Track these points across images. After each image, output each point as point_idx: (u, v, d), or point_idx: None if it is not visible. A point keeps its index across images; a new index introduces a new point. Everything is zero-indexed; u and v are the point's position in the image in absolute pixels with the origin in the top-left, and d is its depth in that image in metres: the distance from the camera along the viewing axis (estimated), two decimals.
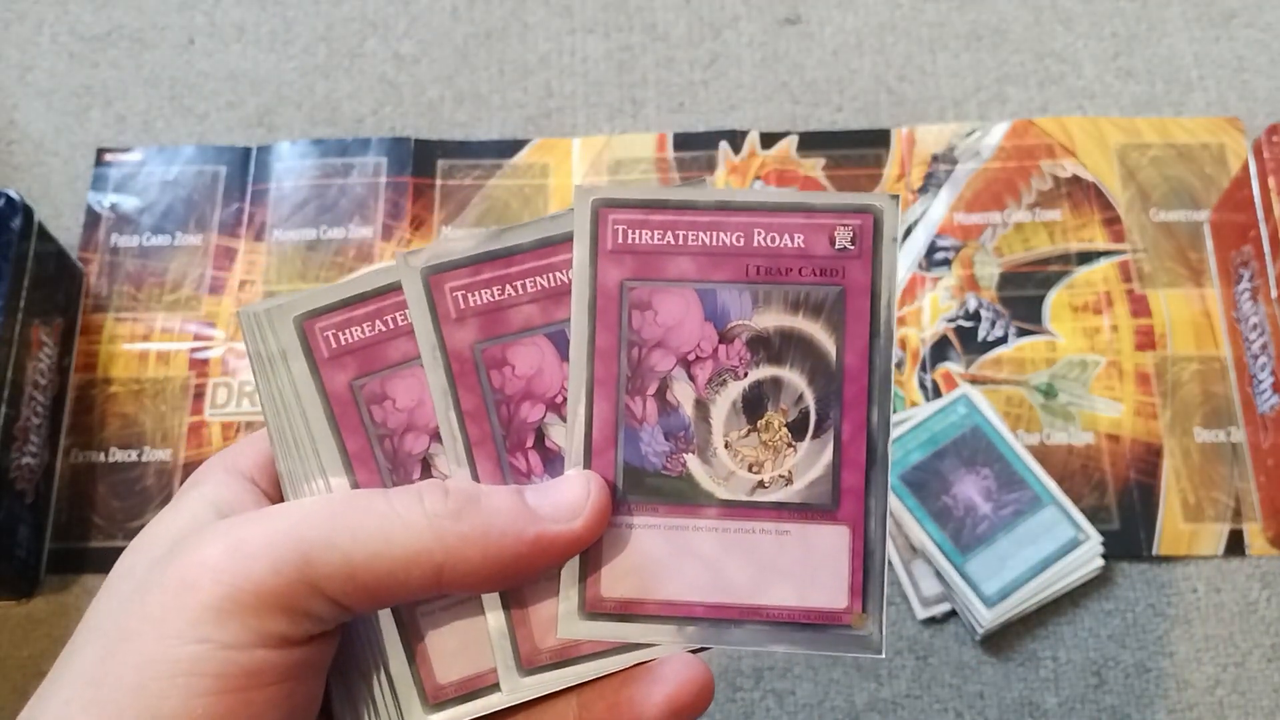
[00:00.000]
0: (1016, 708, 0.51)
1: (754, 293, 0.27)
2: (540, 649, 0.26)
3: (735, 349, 0.27)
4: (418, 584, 0.24)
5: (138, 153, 0.64)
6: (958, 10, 0.66)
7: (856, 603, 0.26)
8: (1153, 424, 0.56)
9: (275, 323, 0.28)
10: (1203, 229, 0.60)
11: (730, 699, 0.52)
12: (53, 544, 0.56)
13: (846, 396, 0.27)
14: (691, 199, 0.28)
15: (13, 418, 0.53)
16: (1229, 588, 0.53)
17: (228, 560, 0.23)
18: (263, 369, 0.27)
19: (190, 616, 0.22)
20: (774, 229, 0.27)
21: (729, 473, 0.27)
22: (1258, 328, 0.55)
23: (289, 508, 0.25)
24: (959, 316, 0.59)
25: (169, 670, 0.22)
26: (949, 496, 0.53)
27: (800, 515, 0.27)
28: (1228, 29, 0.65)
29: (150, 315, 0.60)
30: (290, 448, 0.27)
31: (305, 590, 0.23)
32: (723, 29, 0.66)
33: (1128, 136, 0.62)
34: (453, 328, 0.27)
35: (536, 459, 0.27)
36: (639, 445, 0.27)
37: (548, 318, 0.27)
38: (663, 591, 0.26)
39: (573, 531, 0.25)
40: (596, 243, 0.27)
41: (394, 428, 0.27)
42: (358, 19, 0.67)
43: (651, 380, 0.27)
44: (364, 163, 0.63)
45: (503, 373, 0.27)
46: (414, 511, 0.24)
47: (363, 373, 0.27)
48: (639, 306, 0.27)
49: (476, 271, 0.27)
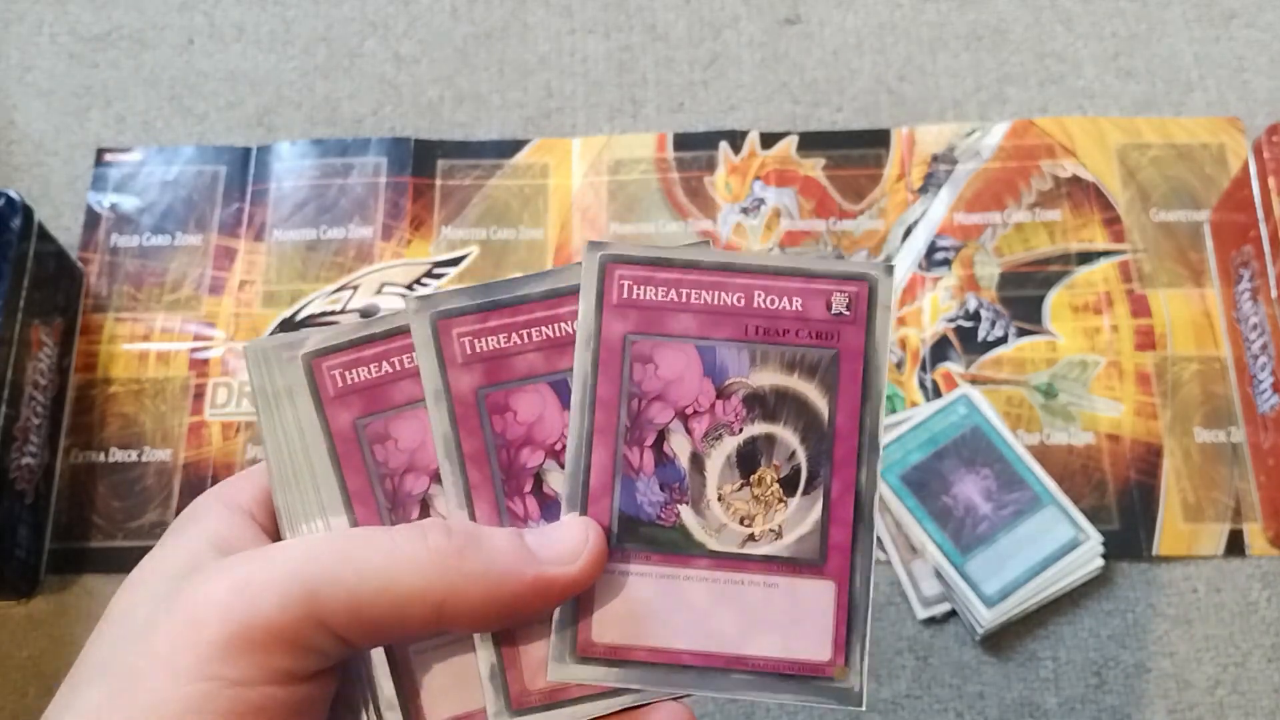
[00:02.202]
0: (1016, 708, 0.51)
1: (752, 352, 0.28)
2: (530, 690, 0.27)
3: (732, 405, 0.28)
4: (419, 621, 0.24)
5: (138, 153, 0.64)
6: (958, 10, 0.66)
7: (840, 656, 0.27)
8: (1153, 424, 0.56)
9: (283, 359, 0.28)
10: (1203, 229, 0.60)
11: (730, 699, 0.52)
12: (53, 544, 0.56)
13: (837, 456, 0.28)
14: (696, 259, 0.29)
15: (13, 418, 0.53)
16: (1229, 588, 0.53)
17: (235, 598, 0.23)
18: (266, 405, 0.28)
19: (199, 654, 0.22)
20: (774, 291, 0.29)
21: (721, 525, 0.28)
22: (1258, 328, 0.55)
23: (294, 545, 0.25)
24: (959, 316, 0.59)
25: (179, 709, 0.22)
26: (949, 496, 0.53)
27: (788, 569, 0.28)
28: (1228, 29, 0.65)
29: (150, 315, 0.60)
30: (290, 484, 0.28)
31: (311, 626, 0.23)
32: (723, 29, 0.66)
33: (1128, 136, 0.62)
34: (458, 372, 0.28)
35: (534, 504, 0.28)
36: (635, 495, 0.28)
37: (551, 366, 0.28)
38: (652, 638, 0.27)
39: (570, 574, 0.26)
40: (602, 296, 0.28)
41: (395, 468, 0.28)
42: (358, 19, 0.67)
43: (650, 432, 0.28)
44: (364, 163, 0.63)
45: (505, 418, 0.28)
46: (418, 548, 0.24)
47: (367, 412, 0.28)
48: (641, 360, 0.28)
49: (484, 319, 0.28)
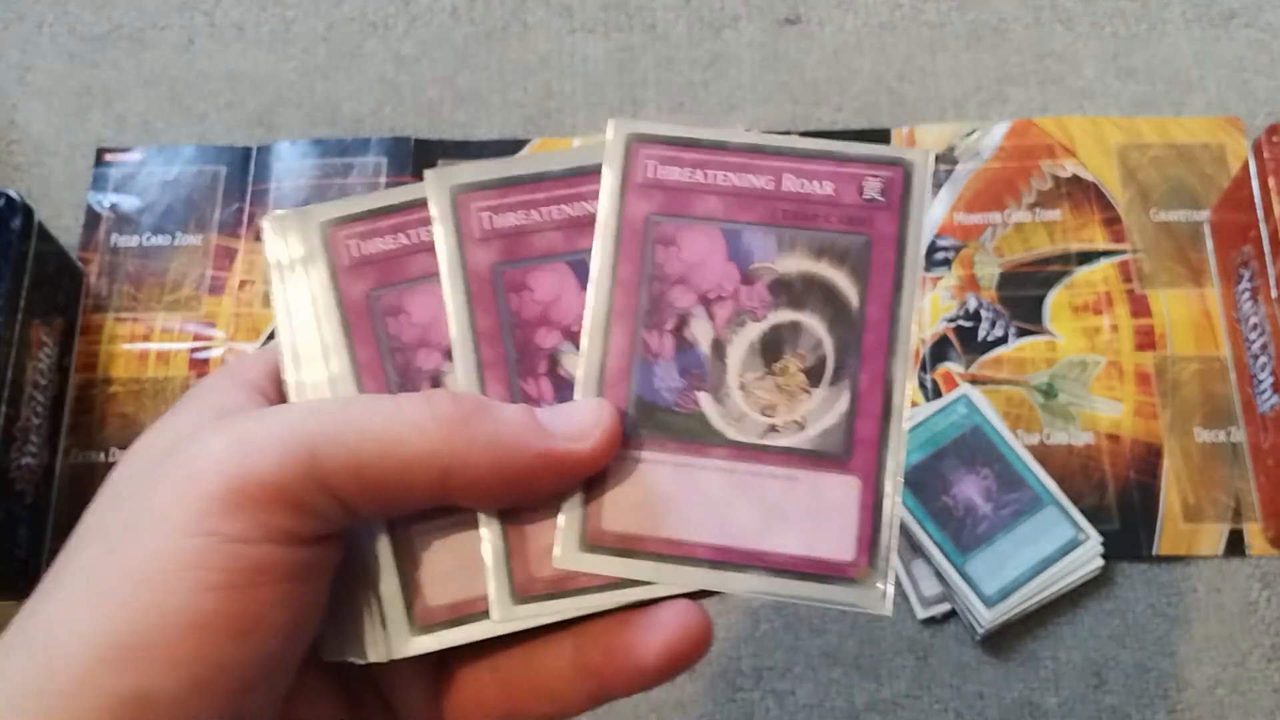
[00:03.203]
0: (1016, 708, 0.51)
1: (779, 236, 0.27)
2: (535, 578, 0.26)
3: (756, 291, 0.27)
4: (423, 488, 0.23)
5: (138, 153, 0.64)
6: (958, 10, 0.66)
7: (863, 557, 0.26)
8: (1153, 424, 0.56)
9: (300, 227, 0.27)
10: (1203, 229, 0.60)
11: (730, 699, 0.52)
12: (53, 544, 0.56)
13: (866, 346, 0.27)
14: (724, 139, 0.28)
15: (13, 418, 0.53)
16: (1229, 588, 0.53)
17: (233, 453, 0.22)
18: (280, 275, 0.27)
19: (196, 508, 0.21)
20: (804, 175, 0.27)
21: (741, 414, 0.27)
22: (1258, 328, 0.55)
23: (295, 405, 0.24)
24: (959, 316, 0.59)
25: (176, 563, 0.21)
26: (949, 496, 0.53)
27: (811, 462, 0.26)
28: (1228, 29, 0.65)
29: (150, 315, 0.60)
30: (300, 355, 0.27)
31: (312, 486, 0.22)
32: (723, 29, 0.66)
33: (1128, 136, 0.62)
34: (475, 246, 0.27)
35: (548, 385, 0.27)
36: (652, 380, 0.27)
37: (571, 246, 0.27)
38: (666, 529, 0.26)
39: (582, 451, 0.25)
40: (626, 175, 0.27)
41: (407, 342, 0.27)
42: (358, 19, 0.67)
43: (670, 316, 0.27)
44: (364, 163, 0.63)
45: (521, 296, 0.27)
46: (422, 413, 0.23)
47: (381, 284, 0.27)
48: (663, 241, 0.27)
49: (505, 194, 0.27)
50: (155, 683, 0.21)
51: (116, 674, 0.20)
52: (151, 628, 0.21)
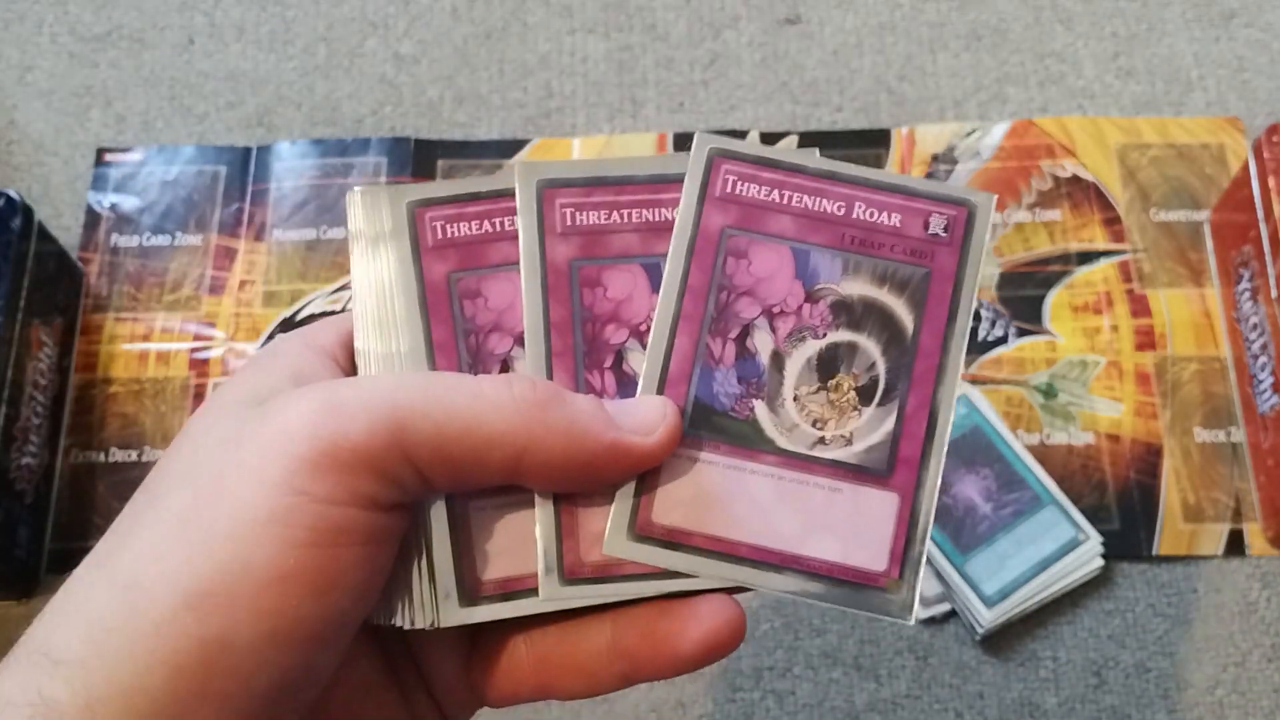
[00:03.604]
0: (1016, 708, 0.51)
1: (845, 260, 0.29)
2: (583, 562, 0.27)
3: (819, 309, 0.28)
4: (497, 466, 0.24)
5: (138, 153, 0.64)
6: (958, 10, 0.66)
7: (895, 568, 0.27)
8: (1153, 424, 0.56)
9: (389, 203, 0.29)
10: (1203, 229, 0.60)
11: (730, 699, 0.52)
12: (53, 544, 0.56)
13: (916, 371, 0.28)
14: (801, 163, 0.29)
15: (13, 418, 0.53)
16: (1229, 588, 0.53)
17: (326, 417, 0.23)
18: (363, 248, 0.28)
19: (288, 467, 0.22)
20: (874, 204, 0.29)
21: (793, 425, 0.28)
22: (1258, 328, 0.55)
23: (385, 376, 0.26)
24: None
25: (265, 518, 0.22)
26: (949, 496, 0.53)
27: (855, 476, 0.28)
28: (1228, 29, 0.65)
29: (150, 315, 0.60)
30: (375, 327, 0.28)
31: (397, 455, 0.23)
32: (723, 29, 0.66)
33: (1128, 136, 0.62)
34: (555, 241, 0.28)
35: (611, 380, 0.28)
36: (712, 384, 0.28)
37: (646, 249, 0.29)
38: (712, 526, 0.27)
39: (646, 445, 0.26)
40: (706, 188, 0.29)
41: (481, 325, 0.28)
42: (358, 19, 0.67)
43: (734, 325, 0.28)
44: (364, 163, 0.63)
45: (595, 292, 0.28)
46: (503, 395, 0.24)
47: (462, 267, 0.28)
48: (735, 254, 0.29)
49: (589, 193, 0.29)
50: (236, 630, 0.21)
51: (200, 619, 0.21)
52: (237, 578, 0.22)
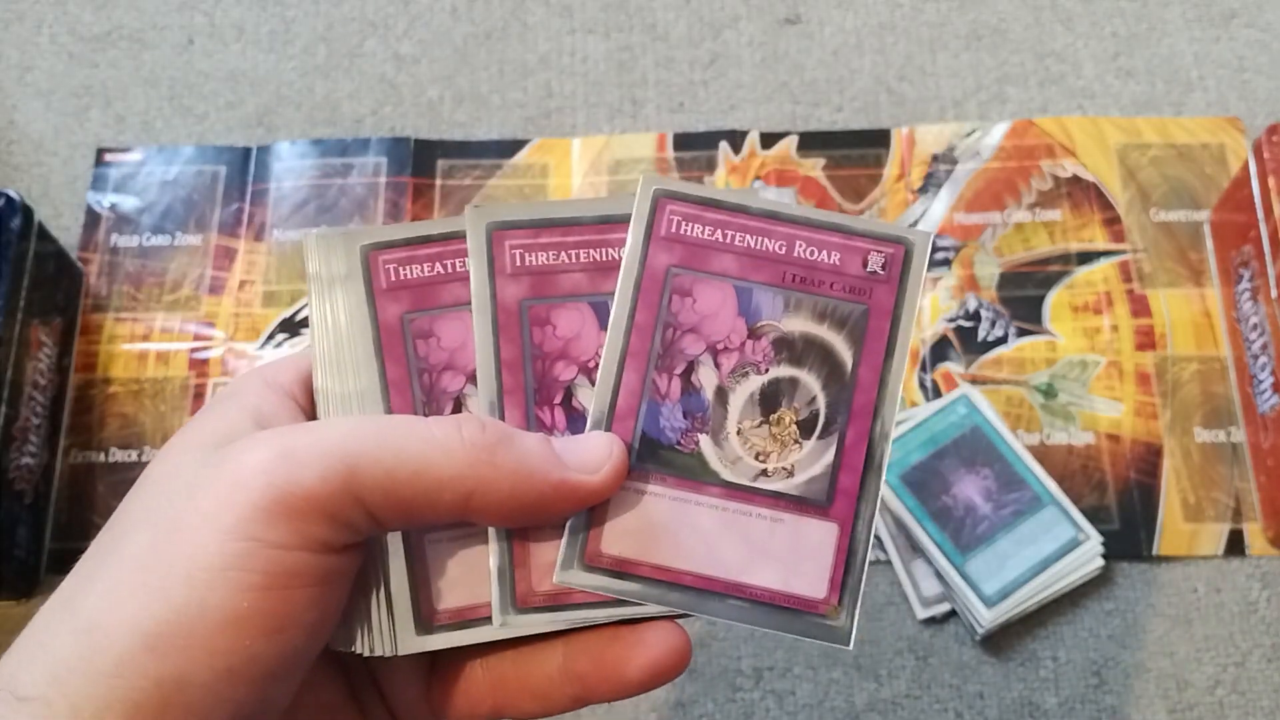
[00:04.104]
0: (1016, 708, 0.51)
1: (786, 298, 0.30)
2: (535, 591, 0.28)
3: (761, 346, 0.29)
4: (447, 508, 0.25)
5: (137, 153, 0.64)
6: (958, 10, 0.66)
7: (834, 595, 0.28)
8: (1153, 424, 0.56)
9: (343, 247, 0.30)
10: (1203, 229, 0.60)
11: (730, 699, 0.52)
12: (52, 544, 0.56)
13: (855, 405, 0.29)
14: (744, 204, 0.30)
15: (12, 418, 0.53)
16: (1229, 588, 0.53)
17: (279, 464, 0.24)
18: (319, 289, 0.29)
19: (241, 514, 0.23)
20: (814, 243, 0.30)
21: (736, 457, 0.29)
22: (1258, 328, 0.55)
23: (337, 422, 0.26)
24: (959, 316, 0.59)
25: (219, 563, 0.23)
26: (949, 496, 0.53)
27: (795, 507, 0.29)
28: (1228, 29, 0.65)
29: (150, 315, 0.60)
30: (332, 367, 0.29)
31: (348, 501, 0.24)
32: (723, 29, 0.66)
33: (1128, 136, 0.62)
34: (505, 281, 0.29)
35: (561, 415, 0.29)
36: (659, 418, 0.29)
37: (594, 288, 0.30)
38: (658, 556, 0.28)
39: (592, 483, 0.27)
40: (651, 228, 0.30)
41: (434, 364, 0.29)
42: (358, 19, 0.67)
43: (680, 361, 0.29)
44: (364, 163, 0.63)
45: (544, 330, 0.29)
46: (453, 439, 0.25)
47: (415, 308, 0.29)
48: (680, 292, 0.29)
49: (536, 235, 0.30)
50: (192, 670, 0.22)
51: (157, 659, 0.22)
52: (193, 620, 0.23)
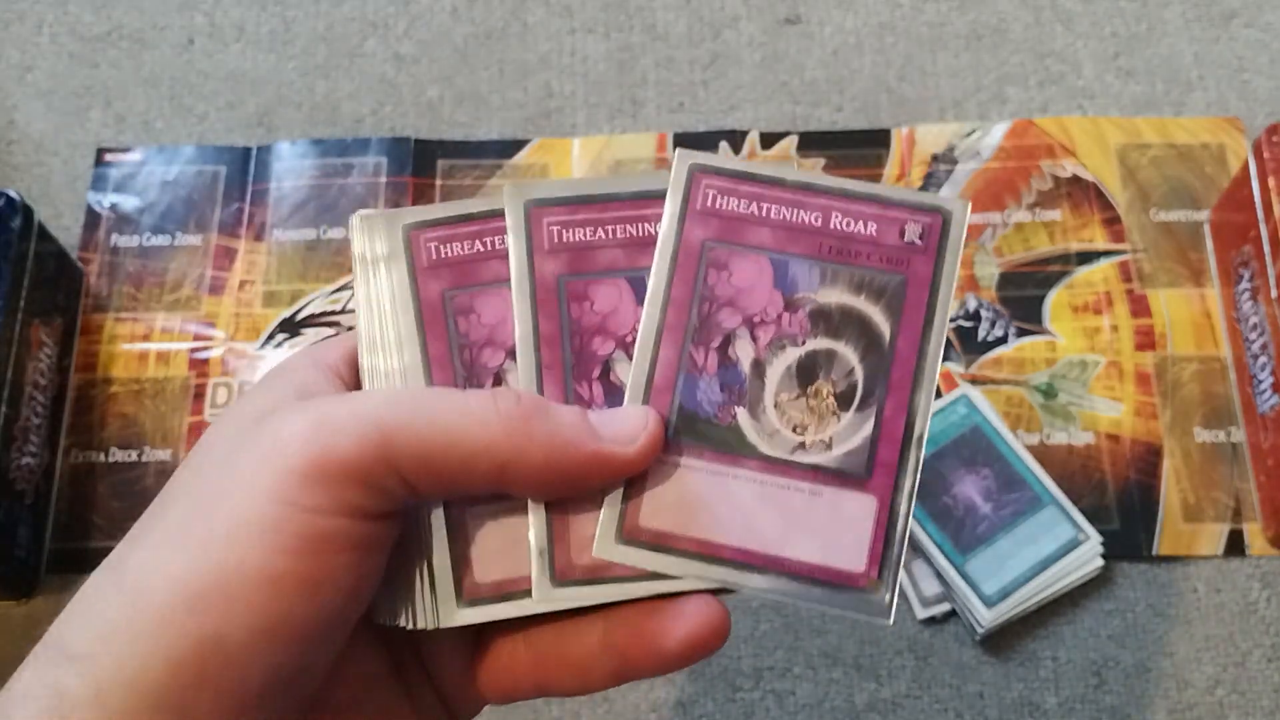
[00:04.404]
0: (1016, 708, 0.51)
1: (823, 270, 0.29)
2: (574, 564, 0.28)
3: (798, 318, 0.29)
4: (482, 477, 0.26)
5: (138, 153, 0.64)
6: (958, 10, 0.66)
7: (874, 569, 0.28)
8: (1153, 424, 0.56)
9: (386, 227, 0.30)
10: (1203, 229, 0.60)
11: (730, 699, 0.52)
12: (53, 544, 0.56)
13: (893, 377, 0.29)
14: (780, 176, 0.30)
15: (12, 418, 0.53)
16: (1229, 588, 0.53)
17: (316, 431, 0.24)
18: (364, 270, 0.30)
19: (278, 479, 0.24)
20: (850, 214, 0.30)
21: (774, 430, 0.29)
22: (1258, 328, 0.55)
23: (373, 392, 0.27)
24: (959, 316, 0.59)
25: (257, 526, 0.24)
26: (949, 496, 0.53)
27: (834, 480, 0.28)
28: (1228, 29, 0.65)
29: (150, 315, 0.60)
30: (376, 345, 0.29)
31: (384, 467, 0.25)
32: (723, 29, 0.66)
33: (1128, 136, 0.62)
34: (544, 258, 0.30)
35: (599, 390, 0.29)
36: (695, 392, 0.29)
37: (631, 263, 0.30)
38: (696, 530, 0.28)
39: (627, 455, 0.27)
40: (687, 202, 0.30)
41: (475, 340, 0.29)
42: (358, 19, 0.67)
43: (717, 334, 0.29)
44: (364, 163, 0.63)
45: (582, 306, 0.29)
46: (488, 410, 0.26)
47: (455, 285, 0.30)
48: (716, 266, 0.29)
49: (574, 211, 0.30)
50: (230, 628, 0.23)
51: (197, 617, 0.23)
52: (230, 580, 0.23)
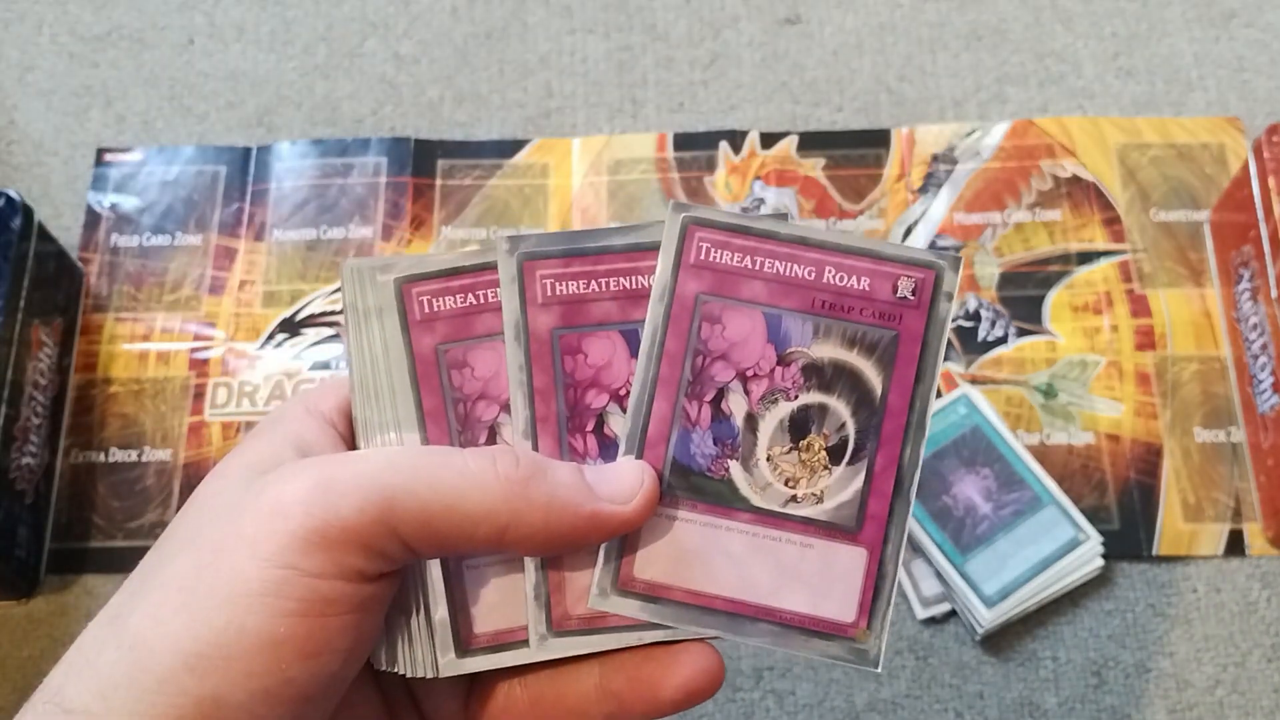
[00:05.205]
0: (1016, 708, 0.51)
1: (816, 324, 0.30)
2: (570, 615, 0.28)
3: (791, 372, 0.30)
4: (482, 540, 0.26)
5: (138, 153, 0.64)
6: (958, 10, 0.66)
7: (863, 619, 0.29)
8: (1153, 424, 0.56)
9: (377, 280, 0.30)
10: (1203, 229, 0.60)
11: (730, 699, 0.52)
12: (53, 544, 0.56)
13: (885, 431, 0.29)
14: (774, 230, 0.30)
15: (13, 418, 0.53)
16: (1229, 588, 0.53)
17: (319, 496, 0.24)
18: (356, 321, 0.30)
19: (280, 543, 0.24)
20: (844, 269, 0.30)
21: (766, 484, 0.29)
22: (1258, 328, 0.55)
23: (376, 453, 0.27)
24: (959, 316, 0.59)
25: (258, 589, 0.24)
26: (949, 496, 0.53)
27: (825, 532, 0.29)
28: (1228, 29, 0.65)
29: (150, 315, 0.60)
30: (370, 397, 0.30)
31: (384, 532, 0.25)
32: (723, 29, 0.66)
33: (1128, 136, 0.62)
34: (537, 311, 0.30)
35: (594, 443, 0.29)
36: (689, 445, 0.29)
37: (624, 316, 0.30)
38: (690, 581, 0.29)
39: (624, 513, 0.27)
40: (681, 255, 0.30)
41: (469, 393, 0.30)
42: (358, 19, 0.67)
43: (710, 388, 0.29)
44: (364, 163, 0.63)
45: (576, 359, 0.29)
46: (488, 473, 0.26)
47: (449, 339, 0.30)
48: (710, 319, 0.30)
49: (567, 264, 0.30)
50: (229, 690, 0.23)
51: (197, 679, 0.23)
52: (231, 643, 0.24)
